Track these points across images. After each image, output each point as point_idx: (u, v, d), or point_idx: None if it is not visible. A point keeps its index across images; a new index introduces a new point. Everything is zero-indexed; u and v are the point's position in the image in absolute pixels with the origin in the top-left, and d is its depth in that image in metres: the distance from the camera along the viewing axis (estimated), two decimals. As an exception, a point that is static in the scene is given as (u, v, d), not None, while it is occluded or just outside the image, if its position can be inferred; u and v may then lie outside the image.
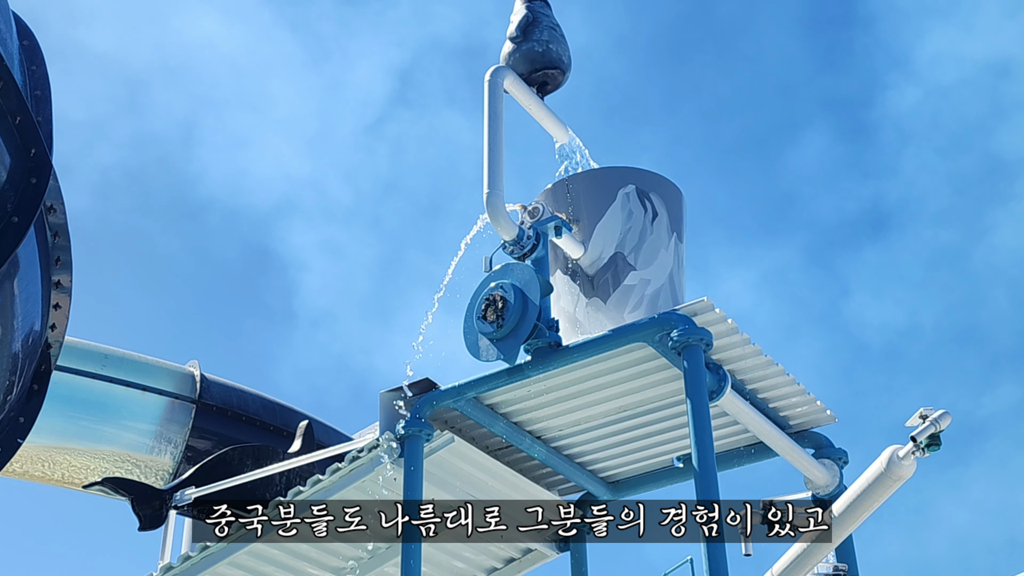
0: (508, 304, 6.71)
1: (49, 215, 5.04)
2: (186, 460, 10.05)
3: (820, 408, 7.27)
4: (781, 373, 6.98)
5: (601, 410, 7.24)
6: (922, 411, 6.23)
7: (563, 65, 7.91)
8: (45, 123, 4.99)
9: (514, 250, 7.12)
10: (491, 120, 7.37)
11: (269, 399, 10.72)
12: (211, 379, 10.47)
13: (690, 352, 6.43)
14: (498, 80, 7.58)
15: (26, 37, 5.13)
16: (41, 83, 5.08)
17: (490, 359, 6.77)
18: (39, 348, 5.54)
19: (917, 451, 6.26)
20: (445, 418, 7.24)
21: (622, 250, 7.35)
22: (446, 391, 7.01)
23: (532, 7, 8.01)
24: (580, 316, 7.34)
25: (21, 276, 4.94)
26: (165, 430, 10.07)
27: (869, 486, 6.48)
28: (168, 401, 10.12)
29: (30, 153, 4.60)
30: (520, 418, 7.33)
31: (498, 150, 7.26)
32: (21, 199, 4.61)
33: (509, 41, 7.89)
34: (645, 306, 7.22)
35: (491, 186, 7.10)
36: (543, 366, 6.76)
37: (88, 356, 9.94)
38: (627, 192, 7.48)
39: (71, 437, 9.87)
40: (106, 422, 9.93)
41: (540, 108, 7.88)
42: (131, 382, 9.99)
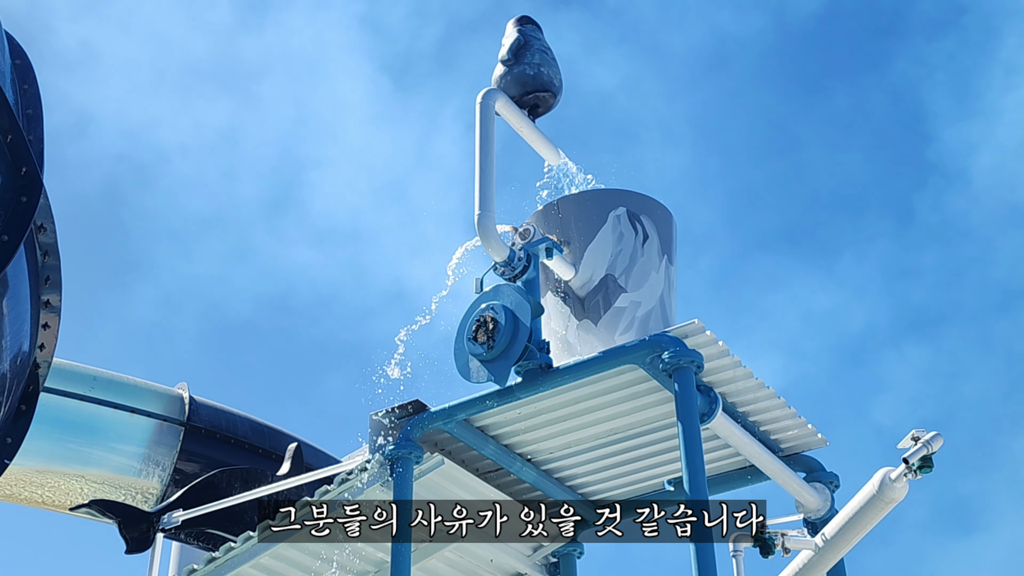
0: (499, 326, 6.70)
1: (39, 234, 5.03)
2: (174, 483, 10.00)
3: (811, 431, 7.26)
4: (772, 396, 6.98)
5: (591, 433, 7.23)
6: (914, 433, 6.23)
7: (554, 88, 7.94)
8: (36, 142, 4.99)
9: (505, 272, 7.12)
10: (482, 142, 7.40)
11: (258, 422, 10.68)
12: (200, 401, 10.43)
13: (681, 374, 6.42)
14: (489, 102, 7.60)
15: (18, 56, 5.14)
16: (33, 102, 5.09)
17: (480, 381, 6.75)
18: (27, 368, 5.52)
19: (909, 473, 6.25)
20: (435, 440, 7.22)
21: (613, 272, 7.36)
22: (436, 413, 6.99)
23: (524, 31, 8.04)
24: (571, 338, 7.33)
25: (10, 295, 4.93)
26: (153, 453, 10.03)
27: (861, 509, 6.47)
28: (156, 423, 10.08)
29: (21, 171, 4.60)
30: (510, 440, 7.30)
31: (489, 172, 7.28)
32: (11, 217, 4.61)
33: (501, 64, 7.92)
34: (636, 328, 7.22)
35: (482, 207, 7.12)
36: (533, 388, 6.75)
37: (76, 378, 9.90)
38: (618, 214, 7.50)
39: (58, 460, 9.82)
40: (94, 444, 9.89)
41: (531, 130, 7.91)
42: (119, 404, 9.95)
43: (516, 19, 8.10)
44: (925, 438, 6.23)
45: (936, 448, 6.20)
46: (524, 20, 8.09)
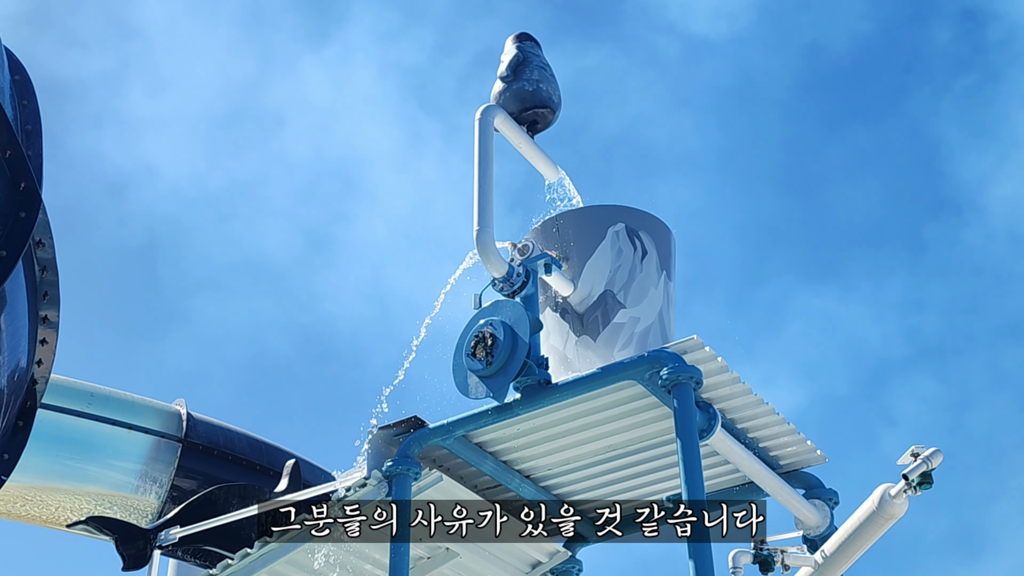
0: (498, 341, 6.70)
1: (37, 249, 5.03)
2: (171, 500, 9.96)
3: (810, 448, 7.25)
4: (771, 412, 6.96)
5: (590, 449, 7.21)
6: (913, 449, 6.22)
7: (553, 104, 7.96)
8: (35, 157, 4.99)
9: (504, 287, 7.12)
10: (481, 158, 7.41)
11: (256, 438, 10.66)
12: (197, 417, 10.41)
13: (680, 390, 6.41)
14: (488, 119, 7.62)
15: (18, 72, 5.14)
16: (32, 118, 5.10)
17: (479, 397, 6.75)
18: (25, 384, 5.51)
19: (909, 489, 6.24)
20: (433, 456, 7.20)
21: (612, 288, 7.36)
22: (434, 429, 6.97)
23: (523, 47, 8.06)
24: (570, 354, 7.32)
25: (8, 310, 4.92)
26: (151, 469, 9.99)
27: (860, 525, 6.46)
28: (154, 440, 10.05)
29: (20, 187, 4.60)
30: (509, 457, 7.29)
31: (488, 188, 7.29)
32: (9, 233, 4.61)
33: (499, 80, 7.93)
34: (635, 344, 7.22)
35: (481, 224, 7.13)
36: (532, 404, 6.74)
37: (73, 394, 9.88)
38: (617, 230, 7.50)
39: (56, 476, 9.79)
40: (91, 461, 9.86)
41: (530, 147, 7.92)
42: (117, 420, 9.92)
43: (515, 36, 8.11)
44: (925, 454, 6.22)
45: (936, 464, 6.19)
46: (523, 37, 8.11)
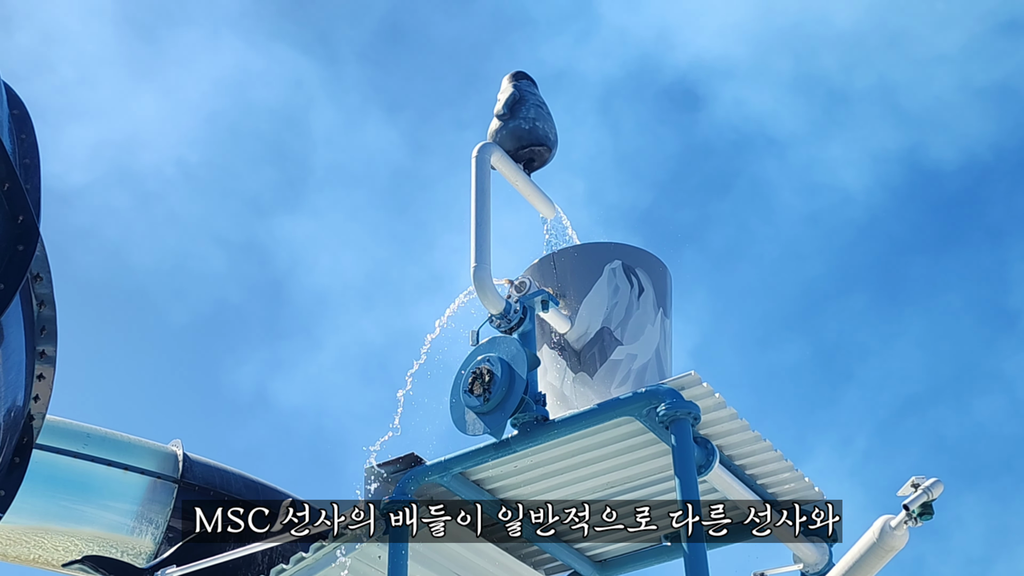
0: (495, 378, 6.69)
1: (35, 283, 5.03)
2: (167, 541, 9.89)
3: (808, 484, 7.22)
4: (769, 448, 6.95)
5: (588, 486, 7.18)
6: (914, 480, 6.19)
7: (549, 142, 7.99)
8: (33, 191, 5.01)
9: (501, 324, 7.12)
10: (478, 195, 7.43)
11: (252, 479, 10.60)
12: (194, 458, 10.35)
13: (678, 426, 6.40)
14: (485, 156, 7.65)
15: (16, 107, 5.17)
16: (30, 151, 5.11)
17: (476, 433, 6.74)
18: (21, 420, 5.49)
19: (909, 520, 6.21)
20: (430, 494, 7.17)
21: (608, 325, 7.36)
22: (432, 466, 6.95)
23: (519, 86, 8.11)
24: (567, 391, 7.32)
25: (5, 345, 4.91)
26: (147, 510, 9.93)
27: (861, 557, 6.42)
28: (150, 481, 9.99)
29: (18, 220, 4.61)
30: (506, 494, 7.26)
31: (485, 225, 7.30)
32: (7, 266, 4.61)
33: (496, 118, 7.98)
34: (632, 381, 7.21)
35: (478, 260, 7.13)
36: (530, 440, 6.72)
37: (69, 435, 9.83)
38: (613, 267, 7.52)
39: (51, 518, 9.73)
40: (87, 502, 9.79)
41: (527, 184, 7.95)
42: (113, 461, 9.87)
43: (511, 74, 8.17)
44: (925, 484, 6.19)
45: (936, 495, 6.16)
46: (519, 75, 8.16)
